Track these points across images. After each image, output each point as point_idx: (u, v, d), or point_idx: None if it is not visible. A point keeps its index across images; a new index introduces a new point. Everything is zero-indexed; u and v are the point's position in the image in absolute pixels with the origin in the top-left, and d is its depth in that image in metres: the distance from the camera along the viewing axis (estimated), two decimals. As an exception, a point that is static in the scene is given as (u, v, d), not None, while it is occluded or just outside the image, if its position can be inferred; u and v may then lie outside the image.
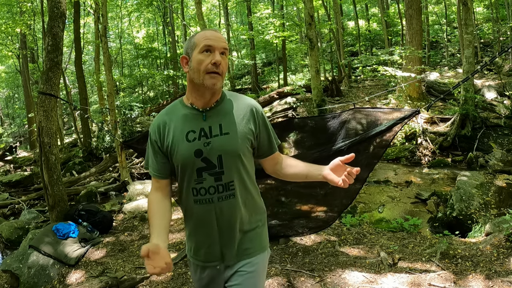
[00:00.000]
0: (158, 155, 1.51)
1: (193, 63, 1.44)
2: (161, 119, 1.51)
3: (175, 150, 1.47)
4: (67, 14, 5.41)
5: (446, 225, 4.79)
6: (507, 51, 8.66)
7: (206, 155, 1.46)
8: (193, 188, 1.49)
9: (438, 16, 19.93)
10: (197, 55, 1.43)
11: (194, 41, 1.46)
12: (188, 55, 1.47)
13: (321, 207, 3.70)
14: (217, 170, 1.47)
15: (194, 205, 1.50)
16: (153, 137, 1.51)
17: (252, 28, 17.15)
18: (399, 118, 2.95)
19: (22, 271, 3.59)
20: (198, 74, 1.42)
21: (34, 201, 7.84)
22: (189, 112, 1.49)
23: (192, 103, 1.50)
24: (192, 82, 1.47)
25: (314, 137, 3.60)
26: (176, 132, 1.48)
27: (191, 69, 1.45)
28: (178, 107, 1.52)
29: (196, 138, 1.46)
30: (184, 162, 1.47)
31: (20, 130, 24.26)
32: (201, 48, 1.42)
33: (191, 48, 1.46)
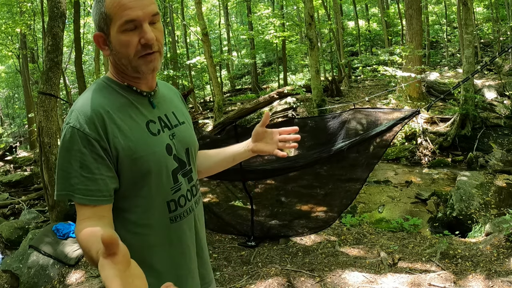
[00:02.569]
0: (102, 165, 0.96)
1: (115, 46, 1.00)
2: (95, 108, 0.98)
3: (139, 150, 1.01)
4: (67, 14, 5.41)
5: (446, 225, 4.79)
6: (507, 51, 8.66)
7: (175, 151, 1.10)
8: (169, 201, 1.08)
9: (438, 16, 19.93)
10: (118, 35, 0.99)
11: (106, 11, 0.98)
12: (103, 31, 1.01)
13: (321, 207, 3.70)
14: (187, 168, 1.15)
15: (170, 226, 1.08)
16: (92, 135, 0.95)
17: (252, 28, 17.15)
18: (399, 118, 2.95)
19: (22, 271, 3.59)
20: (127, 60, 1.01)
21: (34, 201, 7.84)
22: (133, 97, 1.06)
23: (129, 84, 1.06)
24: (116, 67, 1.06)
25: (314, 137, 3.61)
26: (130, 124, 1.02)
27: (114, 53, 1.02)
28: (111, 91, 1.05)
29: (160, 129, 1.08)
30: (158, 165, 1.04)
31: (20, 130, 24.26)
32: (122, 25, 0.97)
33: (104, 21, 0.99)
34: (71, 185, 0.96)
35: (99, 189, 0.96)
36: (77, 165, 0.95)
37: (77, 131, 0.96)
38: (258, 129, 1.26)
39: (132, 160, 1.00)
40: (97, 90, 1.04)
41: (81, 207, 0.97)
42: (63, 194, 0.97)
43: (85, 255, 0.90)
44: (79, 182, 0.95)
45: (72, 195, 0.96)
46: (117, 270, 0.67)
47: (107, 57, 1.07)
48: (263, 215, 3.90)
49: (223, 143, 3.74)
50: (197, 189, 1.20)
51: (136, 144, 1.01)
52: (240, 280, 3.20)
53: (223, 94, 15.50)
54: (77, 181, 0.95)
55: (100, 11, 0.99)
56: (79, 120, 0.96)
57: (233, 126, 3.63)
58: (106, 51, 1.04)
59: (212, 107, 14.09)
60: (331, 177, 3.53)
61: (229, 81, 21.04)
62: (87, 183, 0.95)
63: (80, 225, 0.94)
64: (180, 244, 1.11)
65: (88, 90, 1.05)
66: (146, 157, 1.02)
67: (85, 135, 0.95)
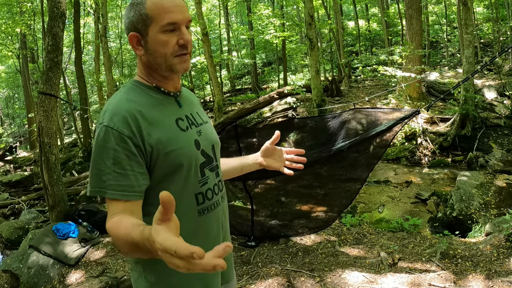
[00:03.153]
0: (133, 161, 1.01)
1: (153, 45, 1.08)
2: (127, 108, 1.04)
3: (171, 144, 1.07)
4: (67, 14, 5.40)
5: (446, 225, 4.79)
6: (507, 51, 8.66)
7: (203, 147, 1.17)
8: (197, 194, 1.14)
9: (438, 16, 19.93)
10: (158, 35, 1.06)
11: (147, 13, 1.06)
12: (139, 32, 1.08)
13: (321, 207, 3.70)
14: (214, 164, 1.21)
15: (198, 219, 1.14)
16: (125, 133, 1.01)
17: (252, 28, 17.14)
18: (399, 118, 2.95)
19: (22, 271, 3.60)
20: (163, 58, 1.08)
21: (34, 201, 7.84)
22: (161, 97, 1.14)
23: (157, 85, 1.14)
24: (149, 67, 1.13)
25: (314, 137, 3.61)
26: (162, 120, 1.09)
27: (150, 52, 1.09)
28: (141, 92, 1.12)
29: (188, 126, 1.14)
30: (189, 159, 1.10)
31: (20, 130, 24.26)
32: (164, 26, 1.05)
33: (143, 23, 1.06)
34: (103, 182, 1.00)
35: (130, 184, 1.01)
36: (110, 162, 1.00)
37: (111, 129, 1.01)
38: (268, 146, 1.37)
39: (165, 154, 1.05)
40: (127, 91, 1.11)
41: (112, 203, 1.01)
42: (96, 191, 1.02)
43: (121, 241, 0.92)
44: (112, 178, 1.00)
45: (104, 192, 1.00)
46: (175, 234, 0.72)
47: (139, 57, 1.13)
48: (263, 215, 3.90)
49: (223, 143, 3.73)
50: (222, 185, 1.25)
51: (168, 139, 1.06)
52: (240, 280, 3.20)
53: (223, 94, 15.50)
54: (109, 177, 1.00)
55: (140, 13, 1.06)
56: (113, 119, 1.02)
57: (233, 126, 3.63)
58: (140, 50, 1.10)
59: (212, 107, 14.09)
60: (331, 177, 3.53)
61: (229, 81, 21.03)
62: (120, 179, 1.00)
63: (112, 219, 0.98)
64: (207, 237, 1.15)
65: (119, 92, 1.12)
66: (177, 151, 1.07)
67: (119, 133, 1.00)
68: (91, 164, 1.03)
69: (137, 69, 1.17)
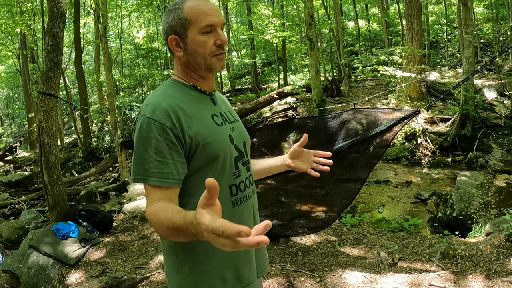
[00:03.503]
0: (174, 151, 1.09)
1: (192, 46, 1.17)
2: (168, 102, 1.13)
3: (209, 136, 1.14)
4: (67, 14, 5.41)
5: (446, 225, 4.79)
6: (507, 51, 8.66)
7: (236, 142, 1.24)
8: (231, 185, 1.21)
9: (438, 16, 19.93)
10: (198, 37, 1.16)
11: (185, 17, 1.16)
12: (178, 34, 1.17)
13: (321, 207, 3.70)
14: (246, 159, 1.28)
15: (231, 209, 1.20)
16: (166, 124, 1.08)
17: (252, 28, 17.15)
18: (399, 118, 2.95)
19: (22, 271, 3.59)
20: (202, 58, 1.18)
21: (34, 201, 7.84)
22: (198, 94, 1.23)
23: (194, 85, 1.23)
24: (189, 67, 1.22)
25: (314, 137, 3.60)
26: (199, 115, 1.17)
27: (189, 53, 1.18)
28: (179, 89, 1.21)
29: (223, 122, 1.23)
30: (224, 151, 1.17)
31: (20, 130, 24.26)
32: (202, 28, 1.16)
33: (181, 26, 1.16)
34: (146, 170, 1.08)
35: (171, 172, 1.08)
36: (152, 151, 1.08)
37: (153, 121, 1.09)
38: (297, 148, 1.45)
39: (203, 145, 1.13)
40: (166, 88, 1.20)
41: (152, 190, 1.08)
42: (138, 178, 1.09)
43: (161, 226, 0.99)
44: (154, 166, 1.07)
45: (146, 179, 1.08)
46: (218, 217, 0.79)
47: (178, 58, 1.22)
48: (263, 215, 3.89)
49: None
50: (253, 179, 1.33)
51: (206, 132, 1.14)
52: (240, 280, 3.20)
53: (223, 94, 15.48)
54: (151, 166, 1.07)
55: (179, 17, 1.16)
56: (155, 112, 1.10)
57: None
58: (179, 52, 1.19)
59: (212, 107, 14.05)
60: (331, 177, 3.53)
61: (229, 81, 21.03)
62: (161, 167, 1.07)
63: (152, 206, 1.06)
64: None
65: (159, 88, 1.22)
66: (215, 143, 1.15)
67: (161, 124, 1.08)
68: (134, 153, 1.11)
69: (174, 69, 1.26)
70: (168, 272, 1.23)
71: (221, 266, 1.18)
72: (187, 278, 1.17)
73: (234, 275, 1.20)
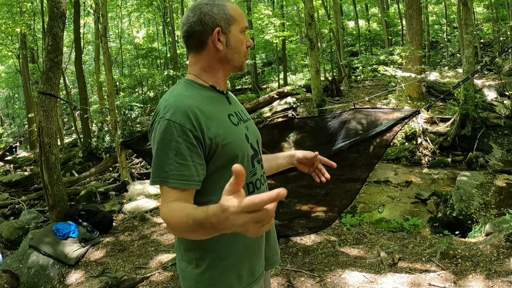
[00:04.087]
0: (194, 153, 1.10)
1: (235, 42, 1.21)
2: (187, 104, 1.13)
3: (227, 137, 1.16)
4: (67, 14, 5.40)
5: (446, 225, 4.79)
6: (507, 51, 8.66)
7: (251, 141, 1.26)
8: (248, 183, 1.24)
9: (438, 16, 19.92)
10: (239, 35, 1.22)
11: (230, 13, 1.21)
12: (221, 28, 1.19)
13: (321, 207, 3.70)
14: (259, 157, 1.32)
15: None
16: (186, 126, 1.09)
17: (252, 27, 17.15)
18: (399, 118, 2.95)
19: (22, 271, 3.59)
20: (239, 55, 1.23)
21: (34, 201, 7.84)
22: (215, 94, 1.24)
23: (213, 85, 1.24)
24: (223, 63, 1.23)
25: (314, 137, 3.60)
26: (217, 115, 1.18)
27: (230, 48, 1.21)
28: (196, 89, 1.21)
29: (238, 121, 1.25)
30: (242, 150, 1.20)
31: (20, 130, 24.25)
32: (243, 28, 1.23)
33: (226, 21, 1.20)
34: (165, 172, 1.08)
35: (191, 174, 1.09)
36: (172, 153, 1.08)
37: (173, 123, 1.09)
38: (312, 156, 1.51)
39: (222, 146, 1.14)
40: (184, 88, 1.21)
41: (170, 191, 1.09)
42: (157, 181, 1.10)
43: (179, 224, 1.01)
44: (174, 168, 1.08)
45: (166, 181, 1.08)
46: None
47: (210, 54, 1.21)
48: (263, 215, 3.89)
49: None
50: (265, 177, 1.37)
51: (224, 132, 1.15)
52: (240, 280, 3.20)
53: (223, 94, 15.46)
54: (172, 168, 1.08)
55: (225, 12, 1.20)
56: (175, 114, 1.10)
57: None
58: (220, 45, 1.20)
59: (212, 107, 14.05)
60: (331, 177, 3.53)
61: (229, 81, 21.02)
62: (181, 169, 1.08)
63: (167, 206, 1.07)
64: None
65: (175, 88, 1.21)
66: (233, 143, 1.17)
67: (181, 126, 1.08)
68: (154, 155, 1.11)
69: (192, 68, 1.25)
70: (183, 268, 1.23)
71: (239, 262, 1.21)
72: (204, 274, 1.18)
73: (248, 271, 1.24)
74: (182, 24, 1.24)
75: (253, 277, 1.25)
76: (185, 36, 1.23)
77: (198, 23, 1.19)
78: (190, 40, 1.22)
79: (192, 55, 1.25)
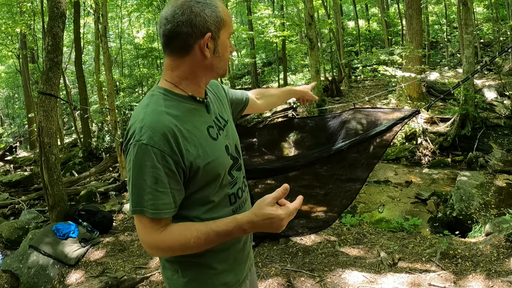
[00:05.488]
0: (172, 179, 1.02)
1: (222, 49, 1.10)
2: (165, 123, 1.02)
3: (208, 156, 1.08)
4: (67, 14, 5.40)
5: (446, 225, 4.79)
6: (507, 51, 8.66)
7: (231, 151, 1.19)
8: (230, 195, 1.18)
9: (438, 16, 19.92)
10: (226, 40, 1.11)
11: (222, 17, 1.07)
12: (212, 34, 1.06)
13: (321, 207, 3.70)
14: (239, 163, 1.24)
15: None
16: (166, 151, 1.00)
17: (252, 28, 17.15)
18: (399, 118, 2.94)
19: (22, 271, 3.59)
20: (224, 63, 1.12)
21: (34, 201, 7.84)
22: (194, 106, 1.12)
23: (192, 94, 1.12)
24: (207, 70, 1.11)
25: (314, 137, 3.60)
26: (197, 134, 1.08)
27: (217, 56, 1.09)
28: (174, 102, 1.08)
29: (217, 133, 1.15)
30: (223, 167, 1.13)
31: (20, 130, 24.25)
32: (231, 33, 1.12)
33: (217, 25, 1.06)
34: (145, 201, 1.01)
35: (170, 202, 1.03)
36: (151, 181, 1.00)
37: (151, 148, 0.99)
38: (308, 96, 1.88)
39: (203, 167, 1.07)
40: (160, 101, 1.07)
41: (153, 220, 1.02)
42: (138, 210, 1.02)
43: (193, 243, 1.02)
44: (153, 197, 1.00)
45: (146, 211, 1.01)
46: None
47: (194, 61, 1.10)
48: (263, 215, 3.89)
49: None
50: (245, 179, 1.31)
51: (204, 152, 1.07)
52: (240, 280, 3.20)
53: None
54: (151, 197, 1.00)
55: (217, 15, 1.06)
56: (152, 137, 1.00)
57: (233, 126, 3.62)
58: (208, 52, 1.07)
59: (212, 107, 14.05)
60: (331, 177, 3.53)
61: (229, 81, 21.02)
62: (162, 197, 1.01)
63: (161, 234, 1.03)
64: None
65: (150, 102, 1.07)
66: (214, 162, 1.09)
67: (160, 151, 0.99)
68: (132, 181, 1.02)
69: (169, 75, 1.11)
70: (168, 276, 1.20)
71: (225, 270, 1.19)
72: (189, 283, 1.16)
73: (234, 278, 1.22)
74: (165, 20, 1.05)
75: (238, 281, 1.24)
76: (168, 35, 1.06)
77: (186, 24, 1.03)
78: (174, 42, 1.06)
79: (172, 59, 1.09)
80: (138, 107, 1.10)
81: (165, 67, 1.12)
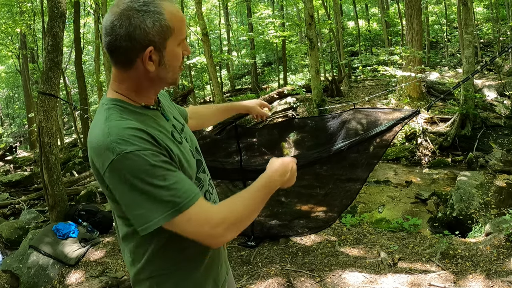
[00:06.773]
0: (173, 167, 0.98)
1: (169, 59, 1.00)
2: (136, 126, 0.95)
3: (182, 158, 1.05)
4: (67, 14, 5.41)
5: (446, 225, 4.79)
6: (507, 51, 8.66)
7: (193, 154, 1.15)
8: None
9: (438, 16, 19.92)
10: (175, 49, 1.01)
11: (168, 24, 0.96)
12: (155, 46, 0.97)
13: (321, 207, 3.70)
14: (203, 165, 1.21)
15: None
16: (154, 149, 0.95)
17: (252, 29, 17.15)
18: (399, 118, 2.95)
19: (22, 271, 3.59)
20: (173, 72, 1.03)
21: (34, 201, 7.84)
22: (152, 113, 1.06)
23: (146, 104, 1.05)
24: (154, 82, 1.03)
25: (314, 137, 3.60)
26: (164, 139, 1.02)
27: (162, 68, 1.00)
28: (131, 112, 1.01)
29: (181, 137, 1.11)
30: (193, 171, 1.10)
31: (20, 130, 24.26)
32: (181, 39, 1.01)
33: (161, 35, 0.96)
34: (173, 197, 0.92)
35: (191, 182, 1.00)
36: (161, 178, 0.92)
37: (137, 152, 0.90)
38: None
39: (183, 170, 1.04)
40: (118, 113, 0.99)
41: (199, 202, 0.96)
42: (172, 212, 0.92)
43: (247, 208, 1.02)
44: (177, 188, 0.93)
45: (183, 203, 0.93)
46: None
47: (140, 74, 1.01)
48: (263, 215, 3.90)
49: (224, 143, 3.74)
50: (211, 180, 1.27)
51: (180, 154, 1.04)
52: (240, 280, 3.20)
53: (223, 94, 15.49)
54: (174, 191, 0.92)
55: (161, 24, 0.95)
56: (132, 143, 0.91)
57: (233, 126, 3.63)
58: (151, 66, 0.98)
59: (212, 107, 14.04)
60: (331, 177, 3.53)
61: (229, 81, 21.03)
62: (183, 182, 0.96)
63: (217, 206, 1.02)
64: None
65: (108, 117, 0.97)
66: (186, 166, 1.05)
67: (147, 150, 0.92)
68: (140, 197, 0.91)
69: (118, 86, 1.04)
70: None
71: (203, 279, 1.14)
72: None
73: (212, 284, 1.18)
74: (105, 31, 0.97)
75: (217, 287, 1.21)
76: (108, 49, 0.98)
77: (125, 38, 0.94)
78: (115, 55, 0.99)
79: (117, 71, 1.03)
80: (95, 125, 0.98)
81: (113, 77, 1.05)
